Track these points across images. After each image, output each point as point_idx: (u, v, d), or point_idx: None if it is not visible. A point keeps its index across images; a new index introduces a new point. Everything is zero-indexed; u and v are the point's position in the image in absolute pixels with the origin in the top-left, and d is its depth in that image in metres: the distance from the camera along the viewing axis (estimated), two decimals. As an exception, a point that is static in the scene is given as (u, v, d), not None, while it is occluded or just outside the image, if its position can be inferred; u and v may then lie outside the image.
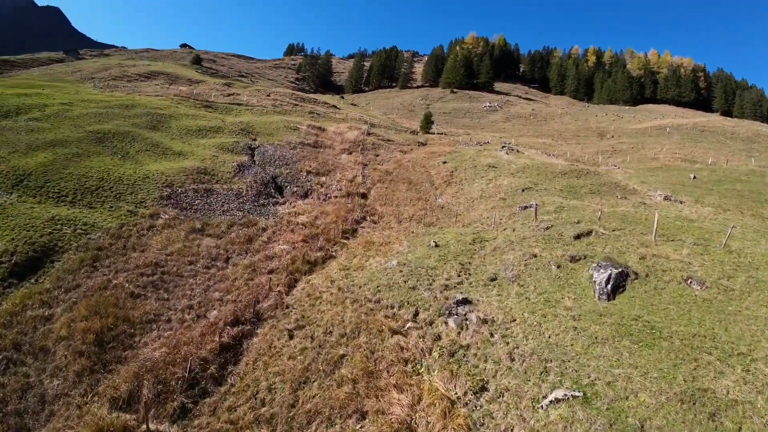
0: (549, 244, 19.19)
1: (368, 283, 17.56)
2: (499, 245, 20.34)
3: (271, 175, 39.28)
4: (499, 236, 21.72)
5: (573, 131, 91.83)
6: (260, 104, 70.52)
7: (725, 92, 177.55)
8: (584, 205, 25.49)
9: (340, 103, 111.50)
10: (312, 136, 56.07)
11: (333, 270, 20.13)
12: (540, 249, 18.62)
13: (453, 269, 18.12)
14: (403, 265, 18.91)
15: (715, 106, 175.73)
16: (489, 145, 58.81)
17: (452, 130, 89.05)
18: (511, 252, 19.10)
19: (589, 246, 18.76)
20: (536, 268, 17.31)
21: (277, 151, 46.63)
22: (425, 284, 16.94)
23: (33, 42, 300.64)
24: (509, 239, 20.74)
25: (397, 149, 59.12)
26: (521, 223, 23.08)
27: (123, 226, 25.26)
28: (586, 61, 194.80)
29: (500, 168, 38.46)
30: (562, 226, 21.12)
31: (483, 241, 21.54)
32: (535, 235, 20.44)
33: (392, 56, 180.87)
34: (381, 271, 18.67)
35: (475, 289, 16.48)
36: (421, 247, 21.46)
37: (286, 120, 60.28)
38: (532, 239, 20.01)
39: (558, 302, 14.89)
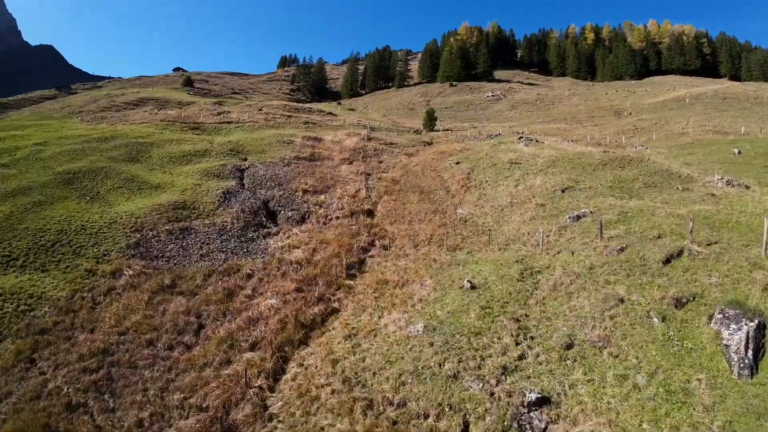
0: (633, 277, 13.47)
1: (386, 367, 12.03)
2: (560, 280, 14.65)
3: (263, 200, 33.86)
4: (555, 264, 16.01)
5: (586, 112, 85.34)
6: (252, 120, 65.31)
7: (731, 56, 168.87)
8: (650, 207, 19.66)
9: (337, 109, 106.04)
10: (308, 148, 50.61)
11: (335, 338, 14.58)
12: (625, 287, 12.92)
13: (506, 331, 12.46)
14: (432, 330, 13.28)
15: (722, 71, 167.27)
16: (502, 138, 52.81)
17: (457, 125, 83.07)
18: (582, 293, 13.40)
19: (690, 276, 13.01)
20: (630, 324, 11.62)
21: (269, 170, 41.23)
22: (471, 367, 11.33)
23: (28, 82, 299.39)
24: (572, 270, 15.04)
25: (401, 153, 53.42)
26: (580, 242, 17.32)
27: (76, 293, 20.02)
28: (584, 39, 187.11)
29: (525, 164, 32.60)
30: (639, 245, 15.36)
31: (534, 274, 15.87)
32: (608, 262, 14.72)
33: (386, 56, 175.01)
34: (402, 342, 13.10)
35: (548, 371, 10.85)
36: (452, 291, 15.81)
37: (279, 134, 54.94)
38: (606, 269, 14.30)
39: (687, 392, 9.27)
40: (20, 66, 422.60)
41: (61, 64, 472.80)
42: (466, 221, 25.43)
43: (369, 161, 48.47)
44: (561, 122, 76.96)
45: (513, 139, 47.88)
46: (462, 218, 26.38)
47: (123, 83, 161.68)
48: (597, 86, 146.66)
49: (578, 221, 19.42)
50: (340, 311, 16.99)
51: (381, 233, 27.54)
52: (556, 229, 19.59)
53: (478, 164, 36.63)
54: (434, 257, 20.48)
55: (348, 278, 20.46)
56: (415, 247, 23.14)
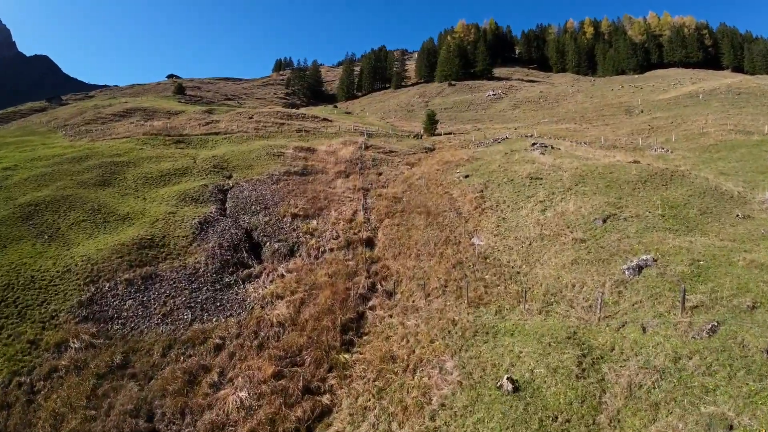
0: (737, 381, 9.01)
1: None
2: (637, 379, 10.13)
3: (246, 229, 29.31)
4: (623, 346, 11.46)
5: (594, 110, 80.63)
6: (241, 130, 60.72)
7: (733, 47, 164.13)
8: (723, 251, 15.14)
9: (333, 114, 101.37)
10: (300, 161, 46.04)
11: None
12: (730, 402, 8.44)
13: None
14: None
15: (725, 63, 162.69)
16: (512, 143, 48.20)
17: (459, 127, 78.45)
18: (673, 407, 8.90)
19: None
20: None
21: (256, 189, 36.69)
22: None
23: (24, 92, 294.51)
24: (649, 360, 10.53)
25: (402, 162, 48.83)
26: (652, 311, 12.70)
27: (14, 377, 15.60)
28: (583, 33, 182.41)
29: (548, 179, 27.95)
30: (733, 321, 10.90)
31: (596, 362, 11.30)
32: (698, 350, 10.26)
33: (382, 57, 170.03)
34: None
35: None
36: (486, 393, 11.19)
37: (269, 145, 50.36)
38: (698, 363, 9.86)
39: None
40: (15, 77, 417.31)
41: (57, 74, 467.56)
42: (487, 258, 20.82)
43: (367, 174, 43.89)
44: (569, 122, 72.26)
45: (525, 145, 43.24)
46: (481, 253, 21.74)
47: (115, 92, 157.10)
48: (599, 81, 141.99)
49: (640, 273, 14.77)
50: (333, 412, 12.47)
51: (383, 271, 22.95)
52: (612, 285, 14.93)
53: (491, 179, 31.99)
54: (452, 317, 15.92)
55: (343, 348, 15.87)
56: (425, 297, 18.56)
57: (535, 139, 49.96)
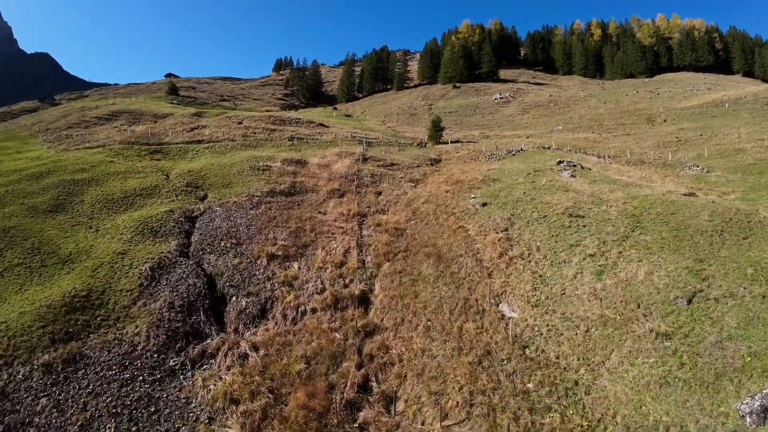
0: None
1: None
2: None
3: (209, 275, 23.26)
4: None
5: (610, 117, 74.40)
6: (227, 137, 54.63)
7: (743, 51, 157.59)
8: None
9: (332, 117, 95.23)
10: (287, 176, 40.01)
11: None
12: None
13: None
14: None
15: (735, 67, 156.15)
16: (530, 157, 42.10)
17: (466, 134, 72.29)
18: None
19: None
20: None
21: (230, 216, 30.66)
22: None
23: (24, 90, 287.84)
24: None
25: (405, 178, 42.79)
26: None
27: None
28: (590, 35, 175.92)
29: (591, 217, 21.87)
30: None
31: None
32: None
33: (383, 57, 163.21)
34: None
35: None
36: None
37: (255, 157, 44.32)
38: None
39: None
40: (16, 75, 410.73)
41: (58, 72, 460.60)
42: (526, 347, 14.74)
43: (364, 193, 37.86)
44: (586, 130, 66.06)
45: (548, 162, 37.18)
46: (516, 336, 15.66)
47: (110, 91, 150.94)
48: (608, 85, 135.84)
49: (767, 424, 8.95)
50: None
51: (381, 354, 16.92)
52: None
53: (516, 211, 25.87)
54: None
55: None
56: (442, 419, 12.55)
57: (557, 153, 43.82)
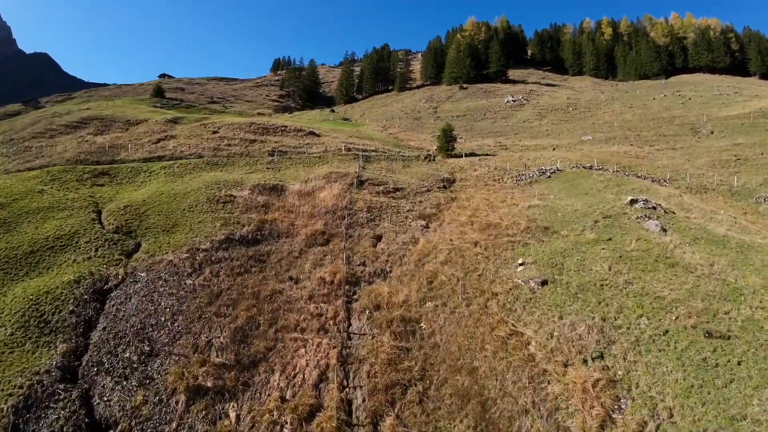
0: None
1: None
2: None
3: (96, 425, 12.41)
4: None
5: (641, 124, 63.39)
6: (194, 151, 43.78)
7: (760, 53, 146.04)
8: None
9: (328, 121, 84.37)
10: (255, 212, 29.21)
11: None
12: None
13: None
14: None
15: (752, 69, 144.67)
16: (576, 183, 31.31)
17: (480, 143, 61.41)
18: None
19: None
20: None
21: (153, 293, 19.87)
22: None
23: (23, 90, 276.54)
24: None
25: (413, 213, 31.98)
26: None
27: None
28: (601, 34, 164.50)
29: (741, 340, 11.26)
30: None
31: None
32: None
33: (384, 56, 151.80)
34: None
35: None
36: None
37: (218, 182, 33.55)
38: None
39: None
40: (15, 74, 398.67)
41: (57, 72, 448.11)
42: None
43: (357, 238, 27.00)
44: (622, 141, 55.07)
45: (616, 200, 26.33)
46: None
47: (95, 93, 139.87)
48: (623, 86, 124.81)
49: None
50: None
51: None
52: None
53: (609, 313, 15.04)
54: None
55: None
56: None
57: (607, 176, 32.83)
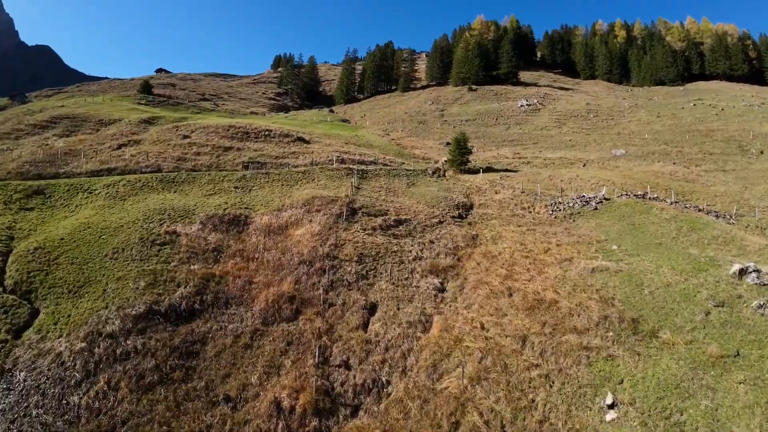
0: None
1: None
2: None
3: None
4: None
5: (678, 138, 54.61)
6: (152, 162, 35.08)
7: None
8: None
9: (324, 123, 75.68)
10: (201, 262, 20.50)
11: None
12: None
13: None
14: None
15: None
16: (640, 225, 22.60)
17: (496, 154, 52.69)
18: None
19: None
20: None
21: (26, 418, 10.84)
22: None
23: (25, 82, 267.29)
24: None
25: (420, 269, 23.42)
26: None
27: None
28: (614, 37, 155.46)
29: None
30: None
31: None
32: None
33: (388, 54, 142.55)
34: None
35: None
36: None
37: (163, 210, 24.76)
38: None
39: None
40: (17, 67, 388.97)
41: (58, 65, 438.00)
42: None
43: (341, 311, 18.36)
44: (662, 157, 46.32)
45: (717, 269, 17.35)
46: None
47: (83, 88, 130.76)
48: (639, 92, 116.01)
49: None
50: None
51: None
52: None
53: None
54: None
55: None
56: None
57: (667, 208, 24.01)
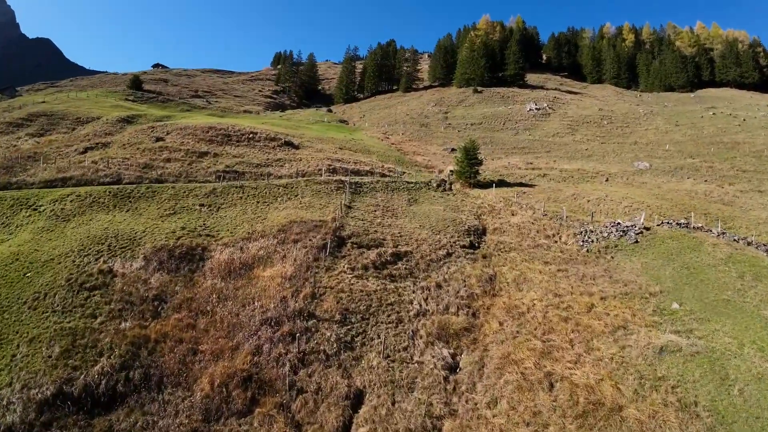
0: None
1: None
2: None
3: None
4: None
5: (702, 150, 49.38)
6: (112, 171, 29.59)
7: None
8: None
9: (320, 124, 70.20)
10: (136, 317, 15.08)
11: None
12: None
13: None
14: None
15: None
16: (695, 268, 16.88)
17: (507, 164, 47.30)
18: None
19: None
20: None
21: None
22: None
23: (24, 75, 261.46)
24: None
25: (425, 331, 18.60)
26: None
27: None
28: (622, 40, 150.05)
29: None
30: None
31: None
32: None
33: (390, 53, 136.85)
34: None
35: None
36: None
37: (105, 237, 19.30)
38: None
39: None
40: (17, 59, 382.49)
41: (59, 58, 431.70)
42: None
43: (311, 406, 12.77)
44: (692, 173, 40.99)
45: None
46: None
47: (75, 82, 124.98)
48: (648, 97, 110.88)
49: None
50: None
51: None
52: None
53: None
54: None
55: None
56: None
57: (717, 243, 18.44)
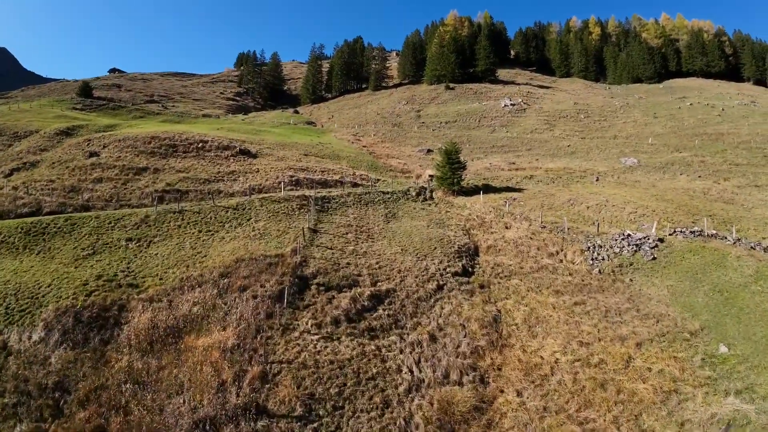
0: None
1: None
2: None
3: None
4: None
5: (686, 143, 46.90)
6: (33, 198, 23.94)
7: (754, 58, 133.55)
8: None
9: (286, 126, 64.78)
10: (32, 420, 9.74)
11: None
12: None
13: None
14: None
15: (746, 74, 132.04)
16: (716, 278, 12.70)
17: (488, 165, 43.43)
18: None
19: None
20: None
21: None
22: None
23: None
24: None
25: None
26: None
27: None
28: (589, 34, 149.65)
29: None
30: None
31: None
32: None
33: (357, 51, 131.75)
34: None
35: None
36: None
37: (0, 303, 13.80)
38: None
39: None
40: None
41: (16, 68, 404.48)
42: None
43: None
44: (684, 169, 38.13)
45: None
46: None
47: (24, 92, 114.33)
48: (617, 90, 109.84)
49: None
50: None
51: None
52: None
53: None
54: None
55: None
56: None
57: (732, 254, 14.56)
